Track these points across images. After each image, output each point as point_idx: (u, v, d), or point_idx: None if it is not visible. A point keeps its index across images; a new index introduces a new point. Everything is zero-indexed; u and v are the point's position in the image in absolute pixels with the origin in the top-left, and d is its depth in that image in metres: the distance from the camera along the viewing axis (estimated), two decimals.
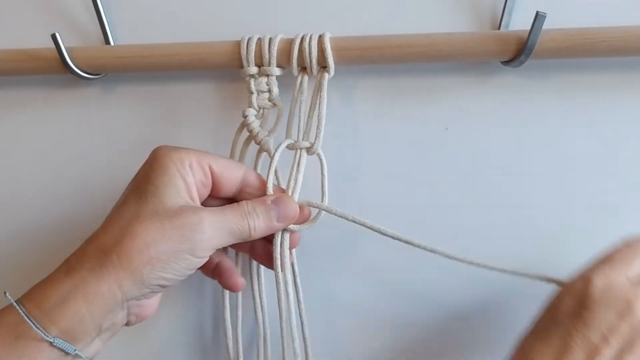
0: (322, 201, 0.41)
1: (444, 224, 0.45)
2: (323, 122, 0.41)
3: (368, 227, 0.40)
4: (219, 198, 0.40)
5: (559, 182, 0.44)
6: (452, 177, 0.45)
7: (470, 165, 0.45)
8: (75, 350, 0.34)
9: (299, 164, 0.41)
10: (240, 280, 0.42)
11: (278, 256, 0.40)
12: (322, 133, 0.41)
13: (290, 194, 0.40)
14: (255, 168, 0.44)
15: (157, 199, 0.35)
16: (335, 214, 0.40)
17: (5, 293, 0.34)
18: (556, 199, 0.44)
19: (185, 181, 0.37)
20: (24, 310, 0.33)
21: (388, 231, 0.40)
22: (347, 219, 0.40)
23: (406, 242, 0.40)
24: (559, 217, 0.44)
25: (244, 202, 0.38)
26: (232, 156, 0.45)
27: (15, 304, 0.34)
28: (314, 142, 0.41)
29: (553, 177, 0.44)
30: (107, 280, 0.34)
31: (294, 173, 0.41)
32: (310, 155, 0.41)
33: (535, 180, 0.44)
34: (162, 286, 0.36)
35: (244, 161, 0.45)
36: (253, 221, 0.38)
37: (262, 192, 0.40)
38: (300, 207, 0.40)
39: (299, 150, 0.41)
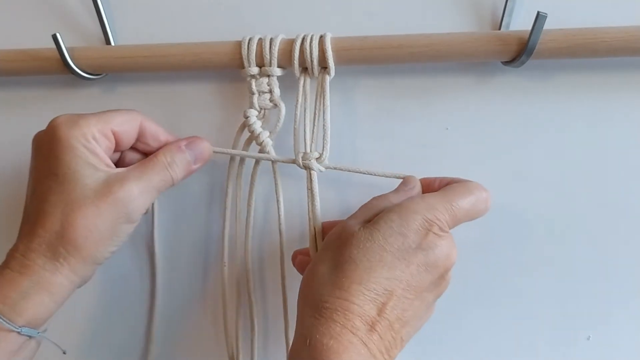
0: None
1: None
2: (329, 132, 0.42)
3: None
4: (119, 151, 0.42)
5: (558, 181, 0.44)
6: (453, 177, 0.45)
7: (470, 165, 0.45)
8: (38, 332, 0.37)
9: (311, 177, 0.42)
10: None
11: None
12: (329, 145, 0.42)
13: (311, 202, 0.41)
14: (254, 168, 0.44)
15: (80, 182, 0.37)
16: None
17: None
18: (556, 199, 0.44)
19: (96, 154, 0.38)
20: None
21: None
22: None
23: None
24: (558, 216, 0.44)
25: (160, 154, 0.40)
26: (232, 157, 0.45)
27: None
28: (322, 153, 0.42)
29: (553, 176, 0.44)
30: (62, 271, 0.37)
31: (308, 183, 0.42)
32: (320, 163, 0.42)
33: (535, 180, 0.44)
34: (111, 254, 0.39)
35: (244, 161, 0.45)
36: (174, 171, 0.40)
37: (159, 139, 0.42)
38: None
39: (309, 161, 0.42)
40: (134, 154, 0.43)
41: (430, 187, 0.41)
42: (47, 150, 0.38)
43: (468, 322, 0.46)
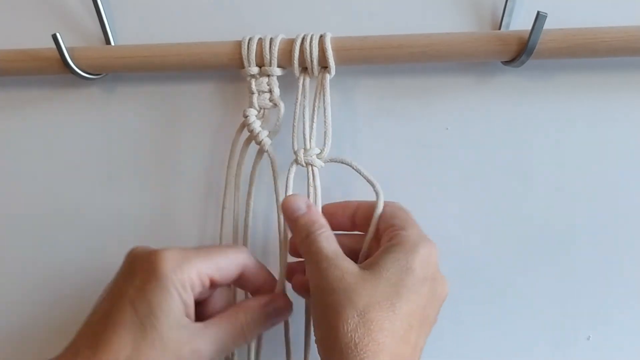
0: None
1: (444, 223, 0.45)
2: (330, 129, 0.42)
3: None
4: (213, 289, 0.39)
5: (559, 181, 0.44)
6: (452, 177, 0.45)
7: (470, 165, 0.45)
8: None
9: (313, 173, 0.42)
10: None
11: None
12: (330, 142, 0.42)
13: (314, 199, 0.41)
14: (254, 168, 0.44)
15: (156, 332, 0.34)
16: None
17: None
18: (556, 199, 0.44)
19: (185, 304, 0.35)
20: None
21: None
22: None
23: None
24: (558, 216, 0.44)
25: (241, 313, 0.37)
26: (232, 156, 0.44)
27: None
28: (323, 149, 0.42)
29: (553, 176, 0.44)
30: None
31: (311, 180, 0.42)
32: (320, 159, 0.42)
33: (535, 180, 0.44)
34: None
35: (243, 161, 0.44)
36: (250, 332, 0.37)
37: (258, 283, 0.40)
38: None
39: (311, 157, 0.42)
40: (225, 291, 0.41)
41: (346, 209, 0.41)
42: (141, 277, 0.35)
43: (468, 322, 0.46)
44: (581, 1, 0.42)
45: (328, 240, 0.37)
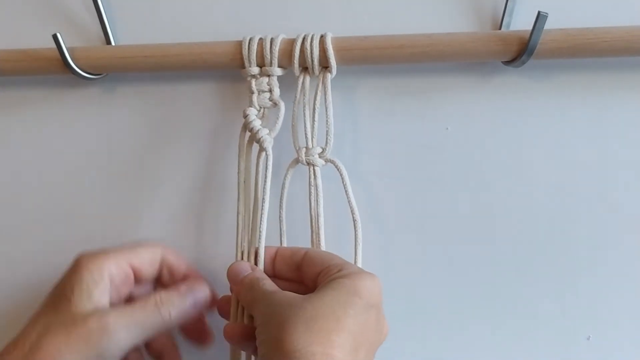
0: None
1: (444, 223, 0.45)
2: (332, 129, 0.42)
3: None
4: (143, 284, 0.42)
5: (559, 182, 0.44)
6: (453, 177, 0.45)
7: (470, 165, 0.45)
8: None
9: (314, 173, 0.42)
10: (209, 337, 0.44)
11: None
12: (332, 141, 0.42)
13: (315, 198, 0.42)
14: (256, 167, 0.44)
15: (66, 309, 0.37)
16: None
17: None
18: (557, 199, 0.44)
19: (99, 287, 0.37)
20: None
21: None
22: None
23: None
24: (559, 217, 0.44)
25: (155, 294, 0.39)
26: (240, 161, 0.43)
27: None
28: (325, 148, 0.42)
29: (553, 177, 0.44)
30: None
31: (312, 180, 0.42)
32: (322, 158, 0.42)
33: (535, 180, 0.44)
34: None
35: (251, 161, 0.44)
36: (166, 311, 0.38)
37: (178, 275, 0.42)
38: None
39: (312, 157, 0.42)
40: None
41: (294, 256, 0.40)
42: (62, 278, 0.39)
43: (468, 322, 0.46)
44: (581, 1, 0.42)
45: (272, 286, 0.37)
